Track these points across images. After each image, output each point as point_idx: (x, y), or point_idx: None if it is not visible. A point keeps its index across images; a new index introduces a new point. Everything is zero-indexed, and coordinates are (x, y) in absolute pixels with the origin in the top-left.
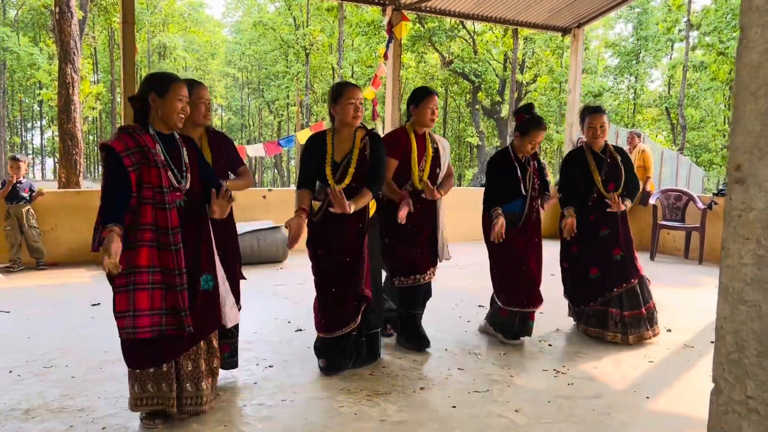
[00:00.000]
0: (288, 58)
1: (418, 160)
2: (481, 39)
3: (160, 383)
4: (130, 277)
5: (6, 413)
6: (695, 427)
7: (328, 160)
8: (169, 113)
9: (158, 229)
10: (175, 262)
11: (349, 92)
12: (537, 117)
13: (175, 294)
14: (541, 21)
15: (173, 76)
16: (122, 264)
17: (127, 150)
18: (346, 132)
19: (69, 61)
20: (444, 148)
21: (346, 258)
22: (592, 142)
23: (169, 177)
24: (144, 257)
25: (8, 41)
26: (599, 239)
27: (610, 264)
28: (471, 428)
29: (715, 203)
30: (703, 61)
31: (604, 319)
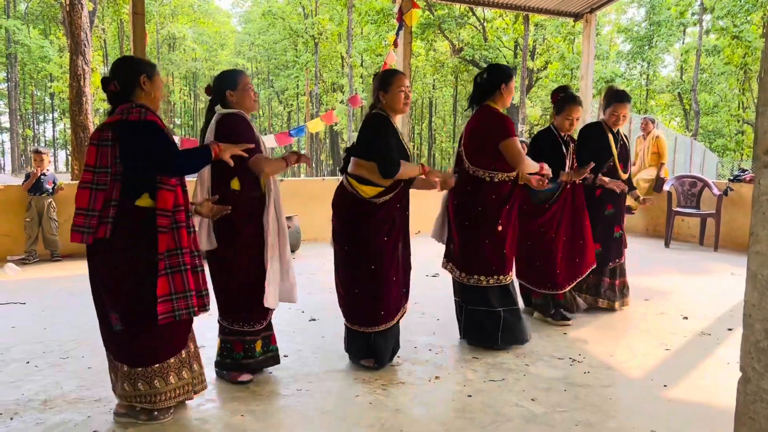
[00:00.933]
0: (297, 47)
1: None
2: (491, 26)
3: (180, 371)
4: (179, 257)
5: (24, 403)
6: (715, 415)
7: (404, 142)
8: (158, 96)
9: (187, 211)
10: (195, 243)
11: (399, 80)
12: (571, 94)
13: (200, 275)
14: (552, 6)
15: (154, 65)
16: (165, 245)
17: (164, 128)
18: (394, 119)
19: (80, 53)
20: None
21: (403, 249)
22: (612, 124)
23: None
24: (185, 238)
25: (19, 34)
26: (604, 217)
27: (612, 240)
28: (487, 417)
29: (731, 189)
30: (717, 46)
31: (597, 289)
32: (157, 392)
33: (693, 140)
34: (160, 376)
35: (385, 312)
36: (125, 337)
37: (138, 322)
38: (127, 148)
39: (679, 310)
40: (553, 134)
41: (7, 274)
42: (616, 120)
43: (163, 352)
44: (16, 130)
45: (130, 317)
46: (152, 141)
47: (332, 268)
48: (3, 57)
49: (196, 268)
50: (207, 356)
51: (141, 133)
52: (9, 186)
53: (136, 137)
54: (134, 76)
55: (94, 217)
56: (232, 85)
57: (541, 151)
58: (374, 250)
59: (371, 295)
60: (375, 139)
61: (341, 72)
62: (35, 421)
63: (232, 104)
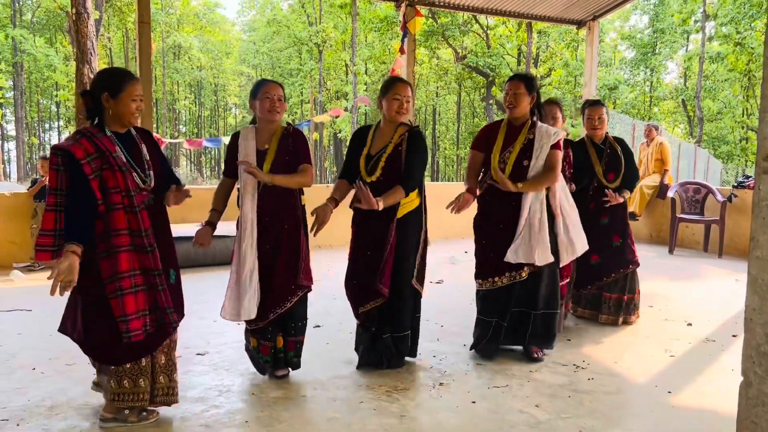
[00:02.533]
0: (301, 55)
1: (502, 150)
2: (494, 33)
3: (137, 379)
4: (116, 283)
5: (30, 410)
6: (720, 421)
7: (364, 152)
8: (124, 113)
9: (132, 233)
10: (152, 262)
11: (396, 88)
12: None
13: (157, 293)
14: (555, 14)
15: (127, 74)
16: (106, 273)
17: (87, 156)
18: (387, 127)
19: (86, 62)
20: (542, 138)
21: (367, 251)
22: (592, 134)
23: (134, 178)
24: (124, 262)
25: (25, 43)
26: (600, 227)
27: (610, 251)
28: (491, 424)
29: (735, 196)
30: (720, 52)
31: (598, 302)
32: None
33: (697, 147)
34: (115, 377)
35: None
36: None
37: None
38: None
39: (683, 316)
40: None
41: (13, 281)
42: (592, 124)
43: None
44: (22, 138)
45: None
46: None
47: (337, 274)
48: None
49: (153, 286)
50: (212, 362)
51: (63, 163)
52: (15, 193)
53: (63, 166)
54: (98, 93)
55: (61, 236)
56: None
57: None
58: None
59: None
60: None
61: (345, 80)
62: (41, 427)
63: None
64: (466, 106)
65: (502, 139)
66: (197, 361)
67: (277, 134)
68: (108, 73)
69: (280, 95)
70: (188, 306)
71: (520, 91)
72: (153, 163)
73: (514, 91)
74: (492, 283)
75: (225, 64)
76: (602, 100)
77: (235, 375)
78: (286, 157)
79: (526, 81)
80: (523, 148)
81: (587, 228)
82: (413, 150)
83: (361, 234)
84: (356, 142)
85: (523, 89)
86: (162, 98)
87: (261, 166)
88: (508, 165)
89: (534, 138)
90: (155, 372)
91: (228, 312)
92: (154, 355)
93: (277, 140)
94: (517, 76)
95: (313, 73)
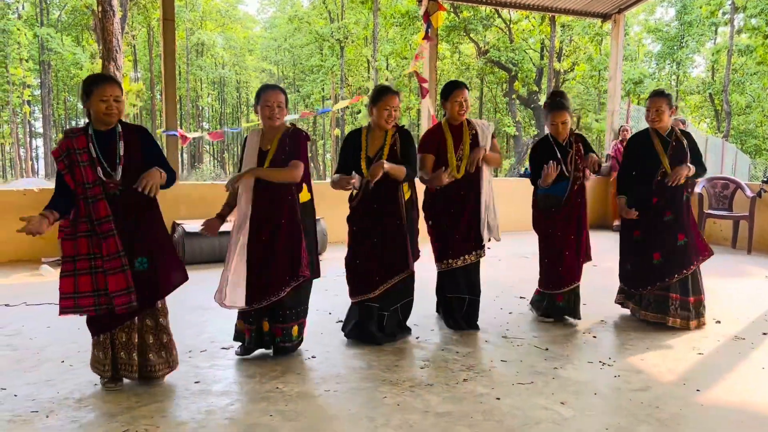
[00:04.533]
0: (323, 51)
1: (455, 149)
2: (517, 27)
3: (98, 351)
4: (74, 263)
5: (59, 401)
6: (749, 420)
7: (363, 155)
8: (96, 113)
9: (91, 221)
10: (107, 248)
11: (386, 99)
12: (553, 102)
13: (115, 275)
14: (580, 7)
15: (98, 79)
16: (68, 252)
17: (60, 155)
18: (378, 131)
19: (112, 59)
20: (483, 130)
21: (375, 239)
22: (651, 126)
23: (97, 172)
24: (84, 246)
25: (52, 42)
26: (663, 224)
27: (674, 249)
28: (516, 420)
29: (765, 191)
30: (749, 45)
31: (665, 305)
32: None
33: (724, 141)
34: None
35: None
36: None
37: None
38: None
39: (712, 313)
40: (548, 142)
41: (42, 275)
42: (650, 116)
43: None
44: (50, 135)
45: None
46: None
47: None
48: (37, 64)
49: (94, 270)
50: (236, 357)
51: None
52: (43, 189)
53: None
54: (81, 98)
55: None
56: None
57: (535, 161)
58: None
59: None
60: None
61: (367, 76)
62: (70, 420)
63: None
64: (488, 101)
65: (450, 140)
66: (222, 355)
67: (279, 135)
68: (84, 80)
69: (279, 102)
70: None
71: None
72: (128, 159)
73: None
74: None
75: (247, 61)
76: (664, 91)
77: (258, 369)
78: (283, 156)
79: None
80: (472, 144)
81: (650, 225)
82: (407, 146)
83: (369, 223)
84: (350, 144)
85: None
86: (186, 95)
87: (262, 164)
88: (462, 163)
89: (477, 133)
90: (116, 348)
91: (218, 297)
92: (114, 333)
93: (277, 141)
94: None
95: (334, 69)
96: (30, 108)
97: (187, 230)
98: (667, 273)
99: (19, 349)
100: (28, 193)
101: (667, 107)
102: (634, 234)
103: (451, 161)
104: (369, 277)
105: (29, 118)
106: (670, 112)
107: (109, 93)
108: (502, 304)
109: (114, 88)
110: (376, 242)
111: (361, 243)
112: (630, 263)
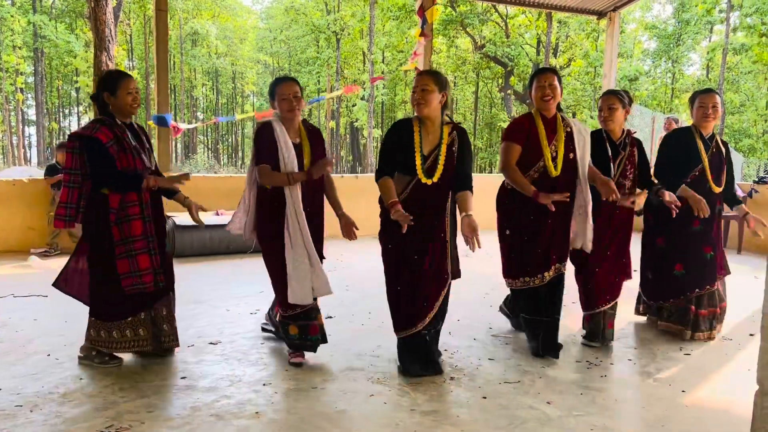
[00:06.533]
0: (319, 43)
1: (548, 143)
2: (513, 22)
3: (137, 328)
4: (129, 245)
5: (44, 396)
6: (733, 422)
7: (418, 150)
8: (123, 106)
9: (141, 204)
10: (151, 231)
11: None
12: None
13: (156, 257)
14: (576, 4)
15: (122, 74)
16: (118, 235)
17: (109, 141)
18: (432, 125)
19: (104, 49)
20: (580, 131)
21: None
22: (701, 124)
23: (142, 160)
24: (138, 228)
25: (45, 29)
26: (690, 234)
27: (699, 262)
28: (502, 420)
29: (756, 191)
30: (744, 44)
31: (685, 316)
32: (114, 341)
33: None
34: (117, 329)
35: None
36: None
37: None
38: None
39: None
40: (602, 136)
41: (31, 266)
42: (704, 113)
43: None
44: (43, 123)
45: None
46: (94, 158)
47: (348, 264)
48: (30, 51)
49: (150, 251)
50: (224, 352)
51: (87, 148)
52: (33, 179)
53: (86, 149)
54: (100, 93)
55: (72, 208)
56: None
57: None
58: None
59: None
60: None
61: (362, 68)
62: (54, 415)
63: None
64: (484, 96)
65: (543, 131)
66: (209, 350)
67: (302, 130)
68: (106, 76)
69: (295, 92)
70: (201, 295)
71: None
72: (152, 149)
73: (549, 83)
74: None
75: (242, 52)
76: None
77: (246, 365)
78: (315, 151)
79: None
80: (566, 142)
81: (676, 233)
82: (467, 150)
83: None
84: (401, 136)
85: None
86: (180, 85)
87: (301, 158)
88: (558, 158)
89: (572, 132)
90: (157, 322)
91: (297, 295)
92: (155, 308)
93: (306, 136)
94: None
95: (330, 61)
96: (23, 95)
97: (177, 223)
98: (689, 287)
99: (5, 341)
100: (17, 183)
101: (720, 105)
102: (658, 241)
103: (546, 153)
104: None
105: (22, 106)
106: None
107: (133, 86)
108: (492, 302)
109: (135, 81)
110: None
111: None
112: (651, 272)
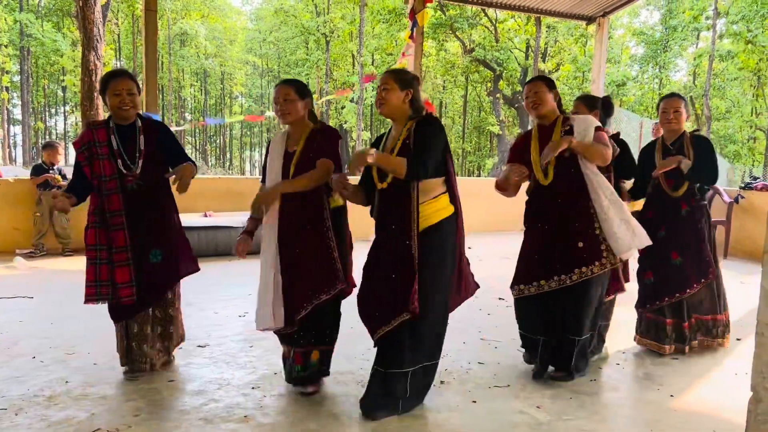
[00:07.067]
0: (308, 45)
1: (540, 151)
2: (502, 27)
3: (118, 339)
4: (97, 252)
5: (29, 399)
6: (721, 427)
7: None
8: (111, 107)
9: (102, 213)
10: (116, 240)
11: (114, 84)
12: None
13: (120, 268)
14: (565, 9)
15: (112, 74)
16: (90, 241)
17: (81, 147)
18: (397, 125)
19: (92, 48)
20: (581, 123)
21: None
22: (665, 128)
23: (117, 165)
24: (90, 236)
25: (32, 28)
26: (656, 240)
27: (667, 269)
28: (491, 424)
29: (742, 197)
30: (730, 51)
31: (659, 330)
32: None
33: None
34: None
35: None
36: None
37: None
38: None
39: None
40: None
41: (16, 267)
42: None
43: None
44: (28, 122)
45: None
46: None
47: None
48: (16, 50)
49: (97, 262)
50: (212, 355)
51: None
52: (19, 179)
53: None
54: (100, 93)
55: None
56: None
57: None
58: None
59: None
60: None
61: (352, 71)
62: (39, 418)
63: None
64: (473, 99)
65: (537, 143)
66: (197, 353)
67: (305, 134)
68: (102, 76)
69: (286, 95)
70: (189, 297)
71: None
72: (148, 153)
73: (535, 90)
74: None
75: (231, 53)
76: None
77: (235, 368)
78: (311, 155)
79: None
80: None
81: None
82: (424, 139)
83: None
84: (377, 141)
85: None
86: (168, 85)
87: (288, 166)
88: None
89: (572, 128)
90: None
91: (258, 320)
92: (128, 324)
93: (304, 141)
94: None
95: (319, 63)
96: (8, 94)
97: None
98: (659, 295)
99: None
100: (2, 183)
101: (684, 110)
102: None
103: (534, 165)
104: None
105: (7, 105)
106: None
107: (122, 87)
108: (481, 305)
109: (127, 82)
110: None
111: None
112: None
